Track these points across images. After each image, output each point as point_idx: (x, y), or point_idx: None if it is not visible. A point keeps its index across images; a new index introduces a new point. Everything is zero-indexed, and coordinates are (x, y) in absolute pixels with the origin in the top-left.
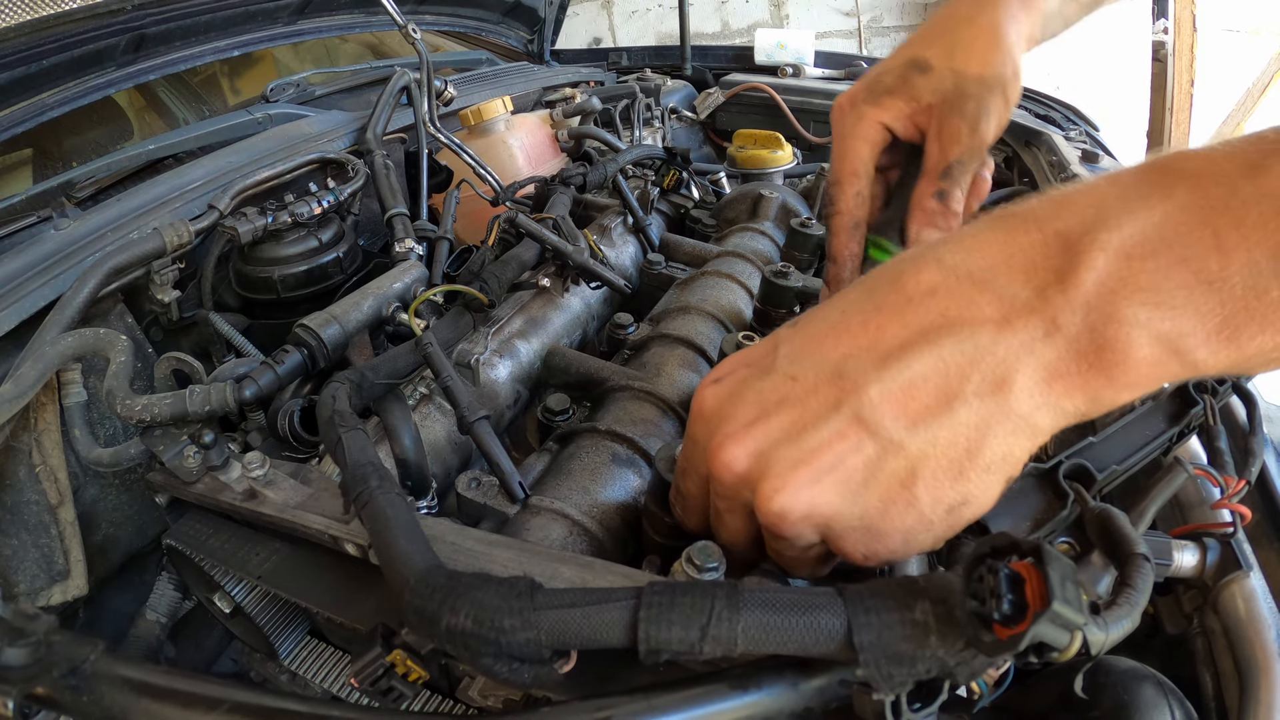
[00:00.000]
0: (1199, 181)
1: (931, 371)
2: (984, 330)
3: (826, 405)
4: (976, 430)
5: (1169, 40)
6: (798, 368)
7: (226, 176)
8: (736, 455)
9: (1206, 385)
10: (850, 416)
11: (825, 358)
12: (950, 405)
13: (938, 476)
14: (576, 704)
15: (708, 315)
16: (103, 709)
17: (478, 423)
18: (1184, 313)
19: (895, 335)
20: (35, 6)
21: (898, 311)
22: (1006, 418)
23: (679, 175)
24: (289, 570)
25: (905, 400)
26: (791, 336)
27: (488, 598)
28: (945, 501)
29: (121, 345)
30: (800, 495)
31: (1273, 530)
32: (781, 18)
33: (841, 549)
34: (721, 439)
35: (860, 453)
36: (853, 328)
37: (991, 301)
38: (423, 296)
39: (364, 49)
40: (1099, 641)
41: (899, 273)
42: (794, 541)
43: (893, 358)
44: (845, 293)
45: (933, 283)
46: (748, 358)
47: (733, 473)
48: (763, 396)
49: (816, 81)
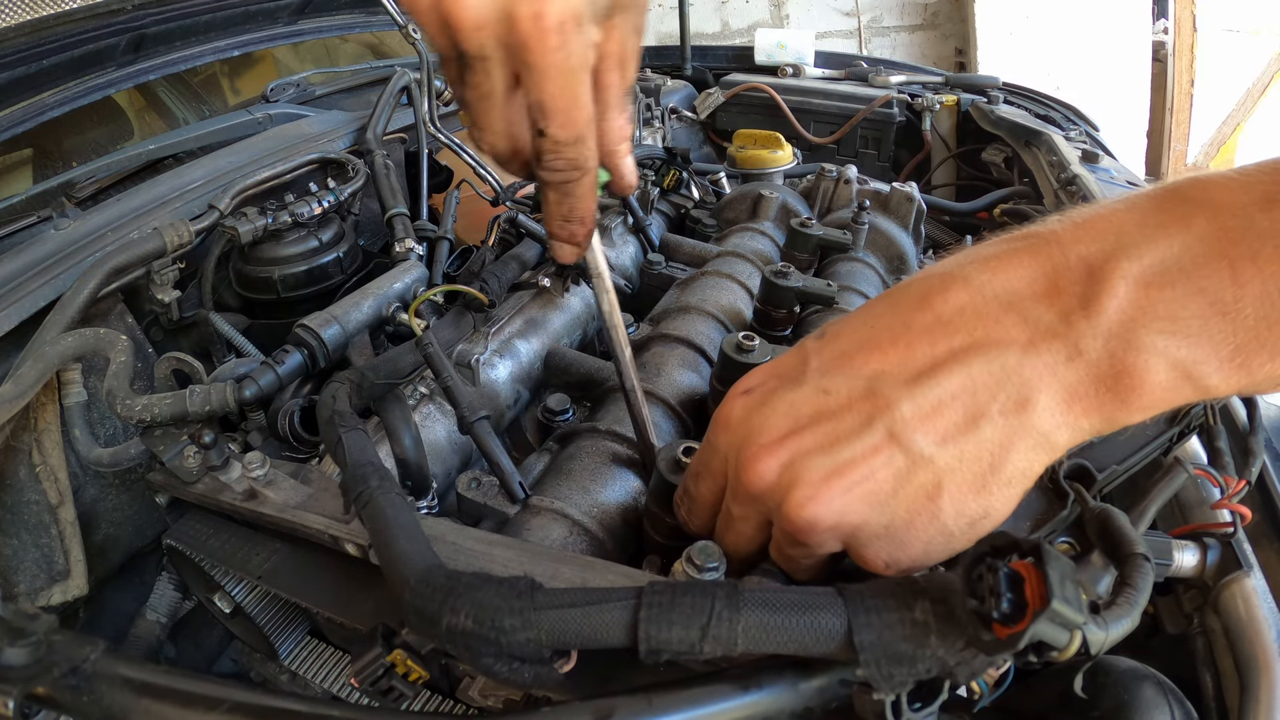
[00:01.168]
0: (1216, 213)
1: (960, 390)
2: (1011, 351)
3: (860, 420)
4: (1000, 446)
5: (1169, 40)
6: (830, 382)
7: (227, 176)
8: (770, 465)
9: None
10: (884, 432)
11: (858, 373)
12: (977, 423)
13: (962, 490)
14: (577, 704)
15: (708, 315)
16: (103, 709)
17: (478, 423)
18: (1199, 341)
19: (925, 354)
20: (35, 6)
21: (927, 330)
22: (1028, 435)
23: (679, 175)
24: (289, 570)
25: (935, 417)
26: (821, 350)
27: (488, 597)
28: (967, 514)
29: (121, 345)
30: (832, 505)
31: (1273, 530)
32: (781, 18)
33: (864, 557)
34: (756, 449)
35: (891, 466)
36: (883, 344)
37: (1018, 324)
38: (423, 296)
39: (364, 49)
40: (1099, 641)
41: (926, 290)
42: (814, 550)
43: (924, 376)
44: (872, 305)
45: (960, 303)
46: (778, 370)
47: (763, 482)
48: (796, 409)
49: (816, 81)
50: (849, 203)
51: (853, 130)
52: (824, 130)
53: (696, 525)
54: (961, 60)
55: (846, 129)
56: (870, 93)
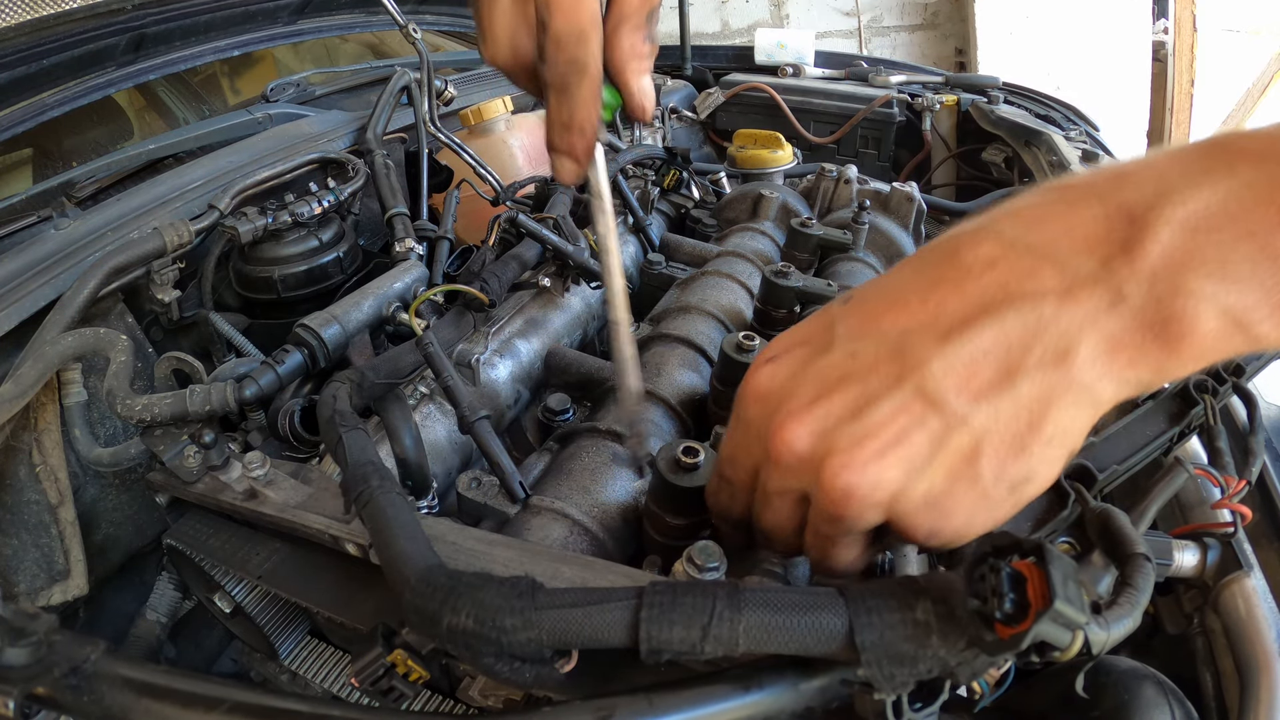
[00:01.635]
0: (1261, 160)
1: (993, 345)
2: (1046, 302)
3: (889, 381)
4: (1039, 403)
5: (1169, 40)
6: (857, 344)
7: (227, 176)
8: (799, 434)
9: (1207, 386)
10: (913, 391)
11: (885, 334)
12: (1013, 379)
13: (1000, 452)
14: (577, 704)
15: (708, 315)
16: (103, 709)
17: (478, 422)
18: (1249, 286)
19: (956, 309)
20: (35, 6)
21: (957, 285)
22: (1069, 389)
23: (679, 175)
24: (289, 570)
25: (968, 375)
26: (846, 314)
27: (489, 597)
28: (1008, 478)
29: (121, 345)
30: (867, 471)
31: (1273, 530)
32: (781, 18)
33: (906, 528)
34: (783, 417)
35: (925, 428)
36: (912, 303)
37: (1054, 273)
38: (423, 296)
39: (364, 49)
40: (1100, 641)
41: (956, 246)
42: (852, 524)
43: (955, 332)
44: (899, 266)
45: (992, 255)
46: (802, 335)
47: (794, 452)
48: (823, 374)
49: (816, 81)
50: (849, 203)
51: (853, 130)
52: (824, 130)
53: (739, 511)
54: (961, 60)
55: (846, 129)
56: (870, 93)
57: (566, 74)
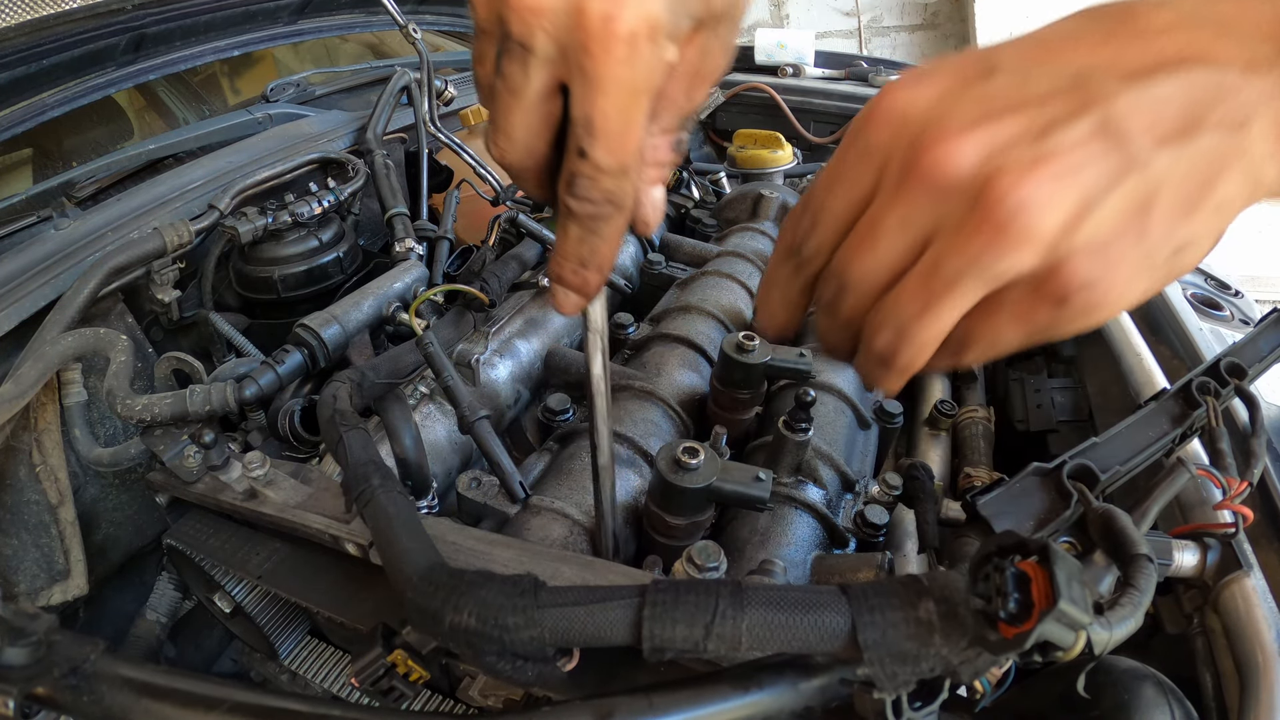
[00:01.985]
0: None
1: (1178, 93)
2: (1230, 69)
3: (1070, 109)
4: (1214, 164)
5: None
6: (1029, 73)
7: (227, 176)
8: (965, 151)
9: (1209, 387)
10: (1097, 123)
11: (1061, 67)
12: (1195, 131)
13: (1174, 206)
14: (577, 704)
15: (708, 315)
16: (103, 709)
17: (478, 422)
18: None
19: (1138, 56)
20: (35, 6)
21: (1138, 36)
22: (1242, 157)
23: (679, 175)
24: (289, 570)
25: (1155, 118)
26: (1003, 48)
27: (492, 595)
28: (1174, 238)
29: (121, 345)
30: (1041, 190)
31: (1273, 531)
32: (781, 18)
33: (1061, 275)
34: (943, 133)
35: (1103, 163)
36: (1091, 41)
37: (1235, 47)
38: (423, 296)
39: (364, 49)
40: (1103, 641)
41: (1128, 8)
42: (997, 258)
43: (1140, 75)
44: (1060, 20)
45: (1169, 21)
46: (949, 67)
47: (952, 170)
48: (988, 98)
49: (816, 81)
50: None
51: None
52: (824, 130)
53: (816, 244)
54: None
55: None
56: (870, 93)
57: (598, 209)
